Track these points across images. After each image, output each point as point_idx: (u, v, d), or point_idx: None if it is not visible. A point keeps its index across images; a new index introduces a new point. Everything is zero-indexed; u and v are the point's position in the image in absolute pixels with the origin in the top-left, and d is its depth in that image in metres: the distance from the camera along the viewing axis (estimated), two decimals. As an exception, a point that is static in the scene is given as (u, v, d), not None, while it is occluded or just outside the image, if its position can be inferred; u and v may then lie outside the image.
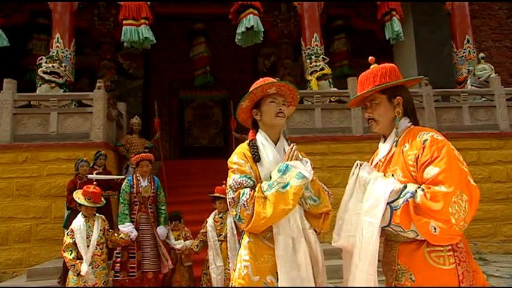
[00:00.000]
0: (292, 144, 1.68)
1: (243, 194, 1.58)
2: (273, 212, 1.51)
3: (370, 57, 1.74)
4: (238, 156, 1.70)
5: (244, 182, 1.62)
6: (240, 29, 7.03)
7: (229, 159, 1.73)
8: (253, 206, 1.55)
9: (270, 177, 1.61)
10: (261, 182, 1.63)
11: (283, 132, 1.81)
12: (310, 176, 1.59)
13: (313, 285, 1.58)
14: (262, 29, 7.08)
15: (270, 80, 1.73)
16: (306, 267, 1.57)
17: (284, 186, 1.55)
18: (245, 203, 1.56)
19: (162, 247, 4.17)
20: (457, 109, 6.77)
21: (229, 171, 1.71)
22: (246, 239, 1.67)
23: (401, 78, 1.64)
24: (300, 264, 1.56)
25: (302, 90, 7.32)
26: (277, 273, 1.55)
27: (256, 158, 1.67)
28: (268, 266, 1.57)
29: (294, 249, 1.56)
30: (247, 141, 1.76)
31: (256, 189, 1.59)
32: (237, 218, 1.59)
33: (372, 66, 1.68)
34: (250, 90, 1.72)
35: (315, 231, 1.68)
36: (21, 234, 5.46)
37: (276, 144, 1.75)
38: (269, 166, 1.66)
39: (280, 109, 1.72)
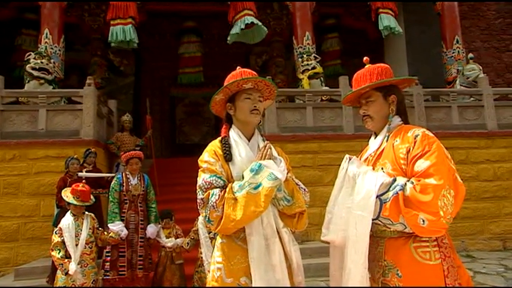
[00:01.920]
0: (266, 143, 1.62)
1: (213, 194, 1.51)
2: (243, 215, 1.45)
3: (364, 58, 1.75)
4: (208, 155, 1.62)
5: (214, 182, 1.54)
6: (235, 29, 7.01)
7: (200, 158, 1.64)
8: (223, 208, 1.48)
9: (243, 177, 1.54)
10: (233, 182, 1.56)
11: (258, 127, 1.75)
12: (283, 176, 1.52)
13: (289, 286, 1.53)
14: (264, 28, 7.12)
15: (248, 72, 1.66)
16: (281, 268, 1.52)
17: (256, 187, 1.48)
18: (214, 204, 1.49)
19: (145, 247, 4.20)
20: (446, 108, 6.86)
21: (199, 170, 1.62)
22: (218, 240, 1.61)
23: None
24: (275, 265, 1.51)
25: (293, 89, 7.35)
26: (251, 274, 1.49)
27: (227, 157, 1.59)
28: (242, 267, 1.51)
29: (267, 249, 1.51)
30: (219, 139, 1.69)
31: (227, 189, 1.52)
32: (207, 219, 1.52)
33: (366, 66, 1.70)
34: (225, 85, 1.64)
35: (290, 230, 1.62)
36: (8, 233, 5.37)
37: (249, 141, 1.68)
38: (241, 165, 1.59)
39: (255, 106, 1.65)
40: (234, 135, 1.67)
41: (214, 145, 1.67)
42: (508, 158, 6.59)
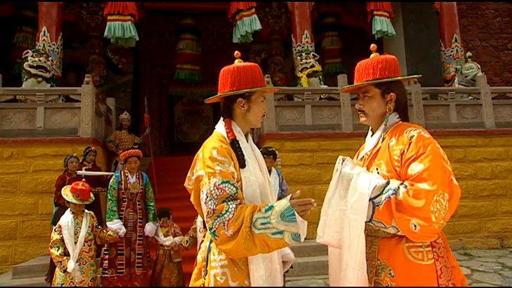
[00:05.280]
0: (313, 200, 1.39)
1: (227, 211, 1.35)
2: (251, 253, 1.37)
3: (372, 45, 1.67)
4: (219, 152, 1.44)
5: (227, 189, 1.38)
6: (244, 28, 7.11)
7: (207, 155, 1.45)
8: (236, 233, 1.34)
9: (269, 207, 1.36)
10: (253, 210, 1.37)
11: None
12: (303, 237, 1.38)
13: (282, 280, 1.53)
14: (259, 27, 7.23)
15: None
16: (278, 260, 1.53)
17: (274, 233, 1.33)
18: (226, 222, 1.34)
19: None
20: (444, 107, 6.87)
21: (205, 171, 1.43)
22: None
23: (399, 72, 1.60)
24: (273, 261, 1.50)
25: (292, 87, 7.35)
26: (249, 268, 1.46)
27: (242, 163, 1.47)
28: (246, 269, 1.45)
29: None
30: (225, 139, 1.53)
31: (245, 216, 1.34)
32: (211, 231, 1.37)
33: (372, 55, 1.62)
34: (254, 87, 1.54)
35: None
36: (6, 231, 5.37)
37: (247, 140, 1.60)
38: (251, 168, 1.50)
39: (265, 111, 1.63)
40: (237, 134, 1.55)
41: (224, 141, 1.51)
42: (505, 157, 6.61)
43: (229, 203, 1.37)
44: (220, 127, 1.59)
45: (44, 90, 5.99)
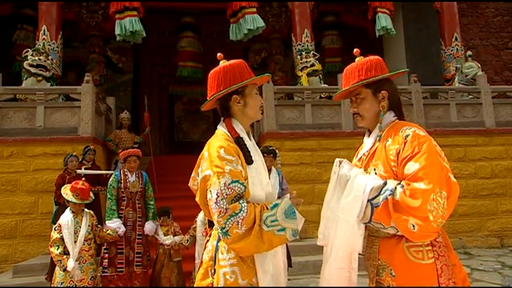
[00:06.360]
0: (300, 201, 1.52)
1: (241, 210, 1.35)
2: (259, 250, 1.39)
3: (355, 50, 1.68)
4: (227, 151, 1.43)
5: (236, 188, 1.38)
6: (246, 26, 7.09)
7: (214, 154, 1.43)
8: (249, 231, 1.35)
9: (274, 205, 1.42)
10: (262, 208, 1.40)
11: None
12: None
13: (285, 276, 1.54)
14: (263, 25, 7.18)
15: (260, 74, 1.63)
16: (281, 256, 1.54)
17: (279, 230, 1.39)
18: (240, 221, 1.34)
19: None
20: (444, 106, 6.87)
21: (213, 170, 1.41)
22: None
23: (386, 70, 1.60)
24: (277, 257, 1.51)
25: (292, 86, 7.35)
26: (255, 265, 1.46)
27: (249, 160, 1.47)
28: (253, 267, 1.45)
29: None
30: (229, 136, 1.52)
31: (256, 213, 1.37)
32: (223, 231, 1.36)
33: (357, 59, 1.64)
34: (251, 78, 1.55)
35: None
36: (6, 230, 5.38)
37: (249, 139, 1.58)
38: (256, 166, 1.50)
39: (262, 102, 1.62)
40: (240, 132, 1.55)
41: (229, 140, 1.50)
42: (505, 156, 6.61)
43: (240, 201, 1.38)
44: (222, 127, 1.59)
45: (44, 89, 5.99)
